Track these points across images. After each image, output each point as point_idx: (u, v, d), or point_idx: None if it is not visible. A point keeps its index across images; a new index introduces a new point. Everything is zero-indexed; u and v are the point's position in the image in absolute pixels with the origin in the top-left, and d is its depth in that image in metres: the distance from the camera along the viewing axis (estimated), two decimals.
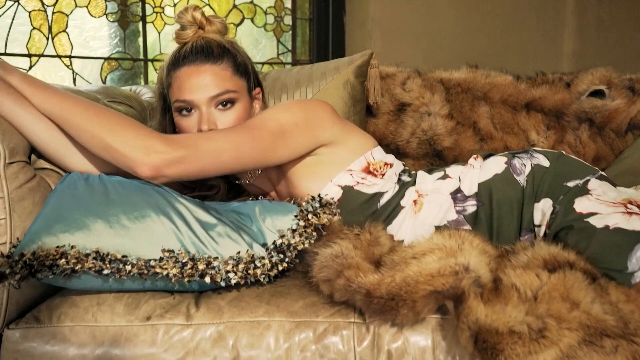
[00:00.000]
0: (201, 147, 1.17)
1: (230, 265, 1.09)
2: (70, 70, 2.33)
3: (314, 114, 1.32)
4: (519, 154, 1.37)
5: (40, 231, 1.02)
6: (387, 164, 1.40)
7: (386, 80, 1.84)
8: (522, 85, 1.81)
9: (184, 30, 1.33)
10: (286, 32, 2.89)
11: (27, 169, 1.09)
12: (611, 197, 1.23)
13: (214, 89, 1.29)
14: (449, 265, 1.05)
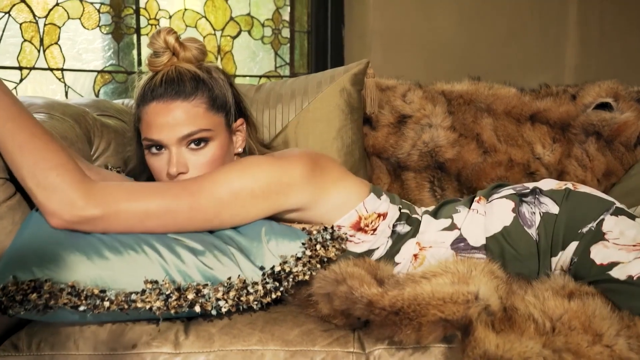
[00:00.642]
0: (123, 209, 1.05)
1: (221, 292, 1.03)
2: (62, 83, 2.30)
3: (281, 179, 1.18)
4: (525, 198, 1.28)
5: (12, 264, 0.96)
6: (380, 216, 1.29)
7: (386, 92, 1.82)
8: (526, 97, 1.79)
9: (156, 58, 1.22)
10: (284, 45, 2.90)
11: (7, 186, 1.05)
12: (630, 237, 1.16)
13: (184, 128, 1.18)
14: (462, 292, 1.00)
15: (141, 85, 1.22)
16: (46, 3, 2.23)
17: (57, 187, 1.00)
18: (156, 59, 1.20)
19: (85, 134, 1.35)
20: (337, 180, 1.25)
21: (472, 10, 3.08)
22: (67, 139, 1.22)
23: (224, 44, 2.74)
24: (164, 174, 1.18)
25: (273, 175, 1.16)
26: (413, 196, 1.70)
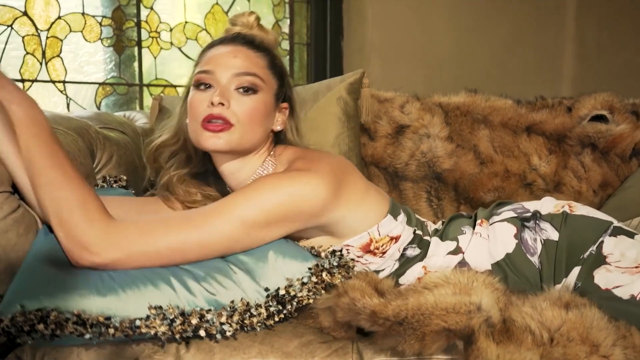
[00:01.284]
0: (136, 252, 1.05)
1: (225, 316, 1.04)
2: (64, 95, 2.34)
3: (299, 207, 1.14)
4: (527, 223, 1.29)
5: (20, 291, 0.98)
6: (392, 239, 1.27)
7: (384, 104, 1.85)
8: (522, 109, 1.82)
9: (233, 27, 1.28)
10: (284, 57, 2.89)
11: (11, 200, 1.07)
12: (631, 259, 1.18)
13: (242, 67, 1.18)
14: (464, 302, 1.02)
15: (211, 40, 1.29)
16: (48, 16, 2.28)
17: (77, 230, 1.01)
18: (232, 28, 1.27)
19: (88, 147, 1.37)
20: (358, 203, 1.23)
21: (469, 24, 3.10)
22: (70, 153, 1.23)
23: None
24: (203, 105, 1.16)
25: (291, 202, 1.13)
26: (410, 206, 1.72)
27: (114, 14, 2.43)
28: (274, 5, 2.81)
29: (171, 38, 2.58)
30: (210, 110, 1.13)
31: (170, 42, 2.58)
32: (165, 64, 2.59)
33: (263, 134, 1.22)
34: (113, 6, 2.43)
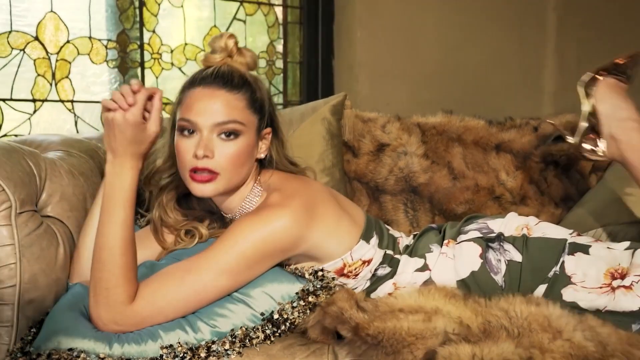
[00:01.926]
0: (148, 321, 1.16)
1: (228, 344, 1.17)
2: (72, 114, 2.40)
3: (275, 246, 1.23)
4: (492, 243, 1.36)
5: (57, 332, 1.10)
6: (364, 262, 1.35)
7: (368, 123, 1.98)
8: (493, 129, 1.96)
9: (213, 54, 1.29)
10: (278, 75, 2.97)
11: (35, 217, 1.20)
12: (593, 278, 1.27)
13: (221, 116, 1.23)
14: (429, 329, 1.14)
15: (192, 75, 1.29)
16: (58, 41, 2.33)
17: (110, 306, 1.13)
18: (212, 55, 1.28)
19: (98, 167, 1.47)
20: (331, 232, 1.30)
21: (453, 43, 3.14)
22: (84, 174, 1.38)
23: None
24: (189, 156, 1.22)
25: (265, 245, 1.21)
26: (389, 216, 1.86)
27: (118, 37, 2.48)
28: (268, 26, 2.87)
29: (172, 59, 2.63)
30: (196, 162, 1.21)
31: (171, 62, 2.63)
32: (166, 82, 2.63)
33: (248, 170, 1.30)
34: (118, 30, 2.48)
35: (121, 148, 1.17)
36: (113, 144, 1.18)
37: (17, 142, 1.42)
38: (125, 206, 1.17)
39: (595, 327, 1.17)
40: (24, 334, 1.16)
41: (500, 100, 3.23)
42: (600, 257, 1.28)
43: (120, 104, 1.17)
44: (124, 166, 1.17)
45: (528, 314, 1.18)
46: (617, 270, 1.25)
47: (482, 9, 3.24)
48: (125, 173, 1.17)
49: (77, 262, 1.27)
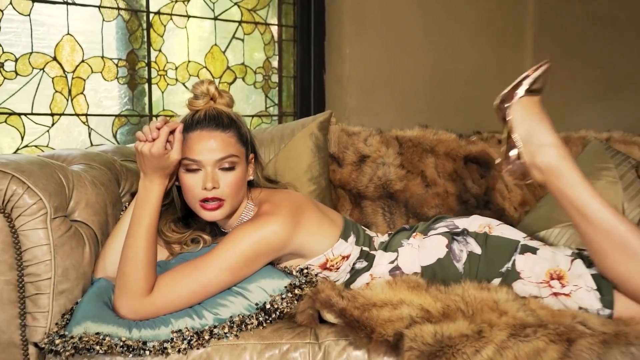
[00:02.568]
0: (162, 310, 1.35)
1: (227, 328, 1.36)
2: (86, 126, 2.50)
3: (268, 245, 1.40)
4: (457, 236, 1.53)
5: (86, 318, 1.31)
6: (343, 257, 1.53)
7: (352, 137, 2.15)
8: (462, 142, 2.14)
9: (196, 100, 1.46)
10: (273, 89, 3.04)
11: (66, 222, 1.39)
12: (537, 274, 1.44)
13: (221, 153, 1.41)
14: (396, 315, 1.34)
15: (184, 118, 1.45)
16: (73, 60, 2.45)
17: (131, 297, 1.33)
18: (196, 100, 1.46)
19: (115, 177, 1.67)
20: (315, 232, 1.48)
21: (436, 58, 3.19)
22: (104, 184, 1.56)
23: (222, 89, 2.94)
24: (197, 189, 1.40)
25: (259, 246, 1.39)
26: (369, 219, 2.04)
27: (128, 56, 2.59)
28: (265, 44, 2.97)
29: (176, 75, 2.73)
30: (206, 194, 1.40)
31: (176, 78, 2.73)
32: (171, 97, 2.72)
33: (244, 192, 1.49)
34: (127, 50, 2.58)
35: (149, 170, 1.38)
36: (143, 167, 1.39)
37: (46, 156, 1.62)
38: (151, 214, 1.38)
39: (535, 309, 1.38)
40: (57, 319, 1.36)
41: (482, 111, 3.11)
42: (545, 258, 1.46)
43: (147, 138, 1.37)
44: (152, 183, 1.39)
45: (480, 298, 1.39)
46: (556, 271, 1.43)
47: (464, 25, 3.31)
48: (152, 189, 1.39)
49: (102, 260, 1.47)
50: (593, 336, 1.29)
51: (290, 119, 3.11)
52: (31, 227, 1.34)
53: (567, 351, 1.26)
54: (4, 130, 2.35)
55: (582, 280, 1.40)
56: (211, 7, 2.83)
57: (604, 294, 1.38)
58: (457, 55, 3.32)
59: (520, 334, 1.27)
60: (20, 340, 1.36)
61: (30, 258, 1.35)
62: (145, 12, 2.64)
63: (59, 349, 1.28)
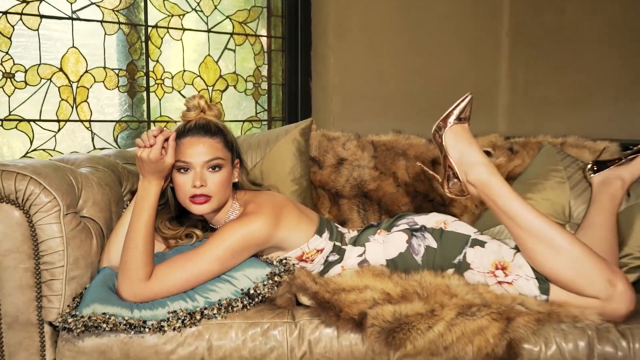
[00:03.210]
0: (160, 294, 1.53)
1: (215, 310, 1.56)
2: (89, 131, 2.66)
3: (252, 239, 1.57)
4: (416, 232, 1.69)
5: (94, 300, 1.51)
6: (318, 251, 1.70)
7: (332, 141, 2.30)
8: (431, 146, 2.27)
9: (189, 112, 1.65)
10: (263, 95, 3.19)
11: (76, 217, 1.57)
12: (484, 265, 1.61)
13: (208, 155, 1.58)
14: (361, 298, 1.53)
15: (177, 127, 1.63)
16: (78, 71, 2.61)
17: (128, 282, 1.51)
18: (188, 112, 1.65)
19: (118, 179, 1.84)
20: (293, 228, 1.65)
21: (415, 66, 3.34)
22: (108, 185, 1.74)
23: (215, 97, 3.05)
24: (188, 187, 1.58)
25: (245, 240, 1.57)
26: (346, 216, 2.22)
27: (128, 67, 2.74)
28: (255, 54, 3.13)
29: (172, 84, 2.88)
30: (195, 191, 1.58)
31: (172, 87, 2.88)
32: (167, 104, 2.86)
33: (229, 192, 1.67)
34: (127, 61, 2.74)
35: (147, 173, 1.57)
36: (142, 170, 1.59)
37: (57, 160, 1.80)
38: (149, 211, 1.57)
39: (482, 292, 1.57)
40: (69, 301, 1.55)
41: None
42: (492, 251, 1.63)
43: (145, 144, 1.56)
44: (150, 184, 1.58)
45: (435, 283, 1.58)
46: (500, 262, 1.61)
47: (441, 36, 3.48)
48: (150, 189, 1.58)
49: (106, 252, 1.67)
50: (529, 315, 1.49)
51: (278, 124, 3.28)
52: (47, 222, 1.54)
53: (507, 327, 1.46)
54: (14, 135, 2.52)
55: (522, 270, 1.59)
56: (205, 21, 3.00)
57: (541, 282, 1.57)
58: (434, 64, 3.47)
59: (467, 313, 1.47)
60: (37, 319, 1.56)
61: (46, 249, 1.54)
62: (143, 26, 2.81)
63: (71, 326, 1.47)
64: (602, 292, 1.51)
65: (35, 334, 1.57)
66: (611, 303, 1.51)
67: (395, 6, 3.29)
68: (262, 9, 3.18)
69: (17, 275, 1.54)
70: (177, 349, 1.52)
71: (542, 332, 1.51)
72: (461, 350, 1.44)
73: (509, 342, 1.45)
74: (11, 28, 2.47)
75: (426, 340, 1.43)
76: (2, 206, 1.53)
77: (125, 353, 1.52)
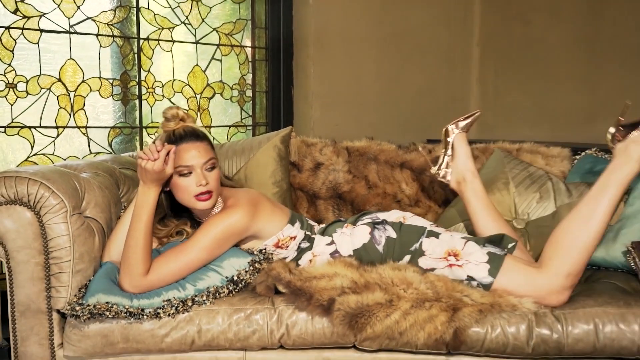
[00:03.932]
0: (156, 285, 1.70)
1: (204, 297, 1.73)
2: (86, 137, 2.78)
3: (233, 230, 1.75)
4: (377, 226, 1.86)
5: (98, 290, 1.69)
6: (292, 238, 1.87)
7: (310, 147, 2.49)
8: (400, 151, 2.47)
9: (169, 122, 1.79)
10: (248, 102, 3.34)
11: (80, 218, 1.75)
12: (438, 253, 1.78)
13: (204, 157, 1.75)
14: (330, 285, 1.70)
15: (165, 137, 1.76)
16: (75, 81, 2.75)
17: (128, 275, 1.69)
18: (168, 123, 1.79)
19: (115, 182, 2.02)
20: (268, 219, 1.83)
21: (391, 75, 3.50)
22: (108, 188, 1.92)
23: (203, 104, 3.19)
24: (193, 187, 1.74)
25: (226, 230, 1.75)
26: (322, 215, 2.41)
27: (121, 76, 2.87)
28: (240, 64, 3.29)
29: (163, 92, 3.02)
30: (200, 189, 1.75)
31: (162, 95, 3.02)
32: (158, 110, 2.97)
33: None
34: (121, 71, 2.87)
35: (148, 181, 1.75)
36: (143, 177, 1.75)
37: (61, 166, 1.97)
38: (149, 213, 1.75)
39: (433, 281, 1.75)
40: (75, 292, 1.74)
41: (431, 122, 3.51)
42: (445, 241, 1.81)
43: (149, 157, 1.73)
44: (150, 190, 1.76)
45: (393, 275, 1.77)
46: (453, 250, 1.81)
47: (415, 46, 3.64)
48: (149, 194, 1.76)
49: (107, 249, 1.85)
50: (473, 306, 1.69)
51: (262, 129, 3.45)
52: (55, 222, 1.73)
53: (453, 317, 1.66)
54: (17, 140, 2.68)
55: (472, 256, 1.78)
56: (193, 33, 3.17)
57: (492, 267, 1.77)
58: (408, 72, 3.64)
59: (420, 304, 1.67)
60: (46, 308, 1.76)
61: (54, 245, 1.73)
62: (136, 39, 2.97)
63: (78, 313, 1.67)
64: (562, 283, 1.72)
65: (44, 321, 1.76)
66: (559, 296, 1.71)
67: (371, 19, 3.44)
68: (247, 22, 3.33)
69: (29, 268, 1.73)
70: (170, 333, 1.72)
71: (485, 320, 1.69)
72: (414, 335, 1.63)
73: (455, 330, 1.64)
74: (13, 42, 2.62)
75: (384, 326, 1.63)
76: (16, 208, 1.72)
77: (125, 337, 1.72)
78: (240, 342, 1.74)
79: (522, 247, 1.98)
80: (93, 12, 2.84)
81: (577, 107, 3.42)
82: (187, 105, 3.15)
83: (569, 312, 1.72)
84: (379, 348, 1.70)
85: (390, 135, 3.32)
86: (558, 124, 3.53)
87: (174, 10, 3.08)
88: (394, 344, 1.67)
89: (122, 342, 1.72)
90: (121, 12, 2.91)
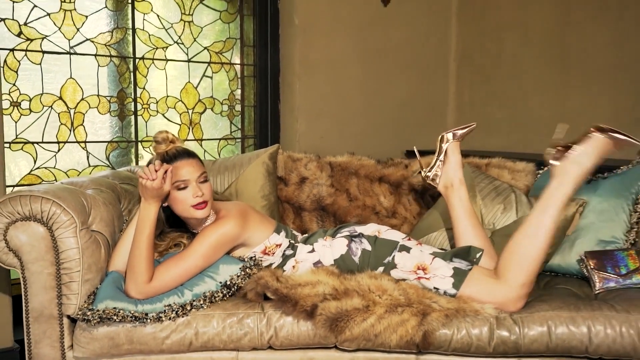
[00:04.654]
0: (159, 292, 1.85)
1: (201, 301, 1.91)
2: (85, 151, 2.90)
3: (225, 239, 1.92)
4: (355, 239, 2.03)
5: (106, 297, 1.86)
6: (277, 245, 2.04)
7: (296, 162, 2.67)
8: (379, 166, 2.66)
9: (160, 144, 1.96)
10: (237, 116, 3.45)
11: (88, 232, 1.92)
12: (408, 266, 1.95)
13: (198, 172, 1.93)
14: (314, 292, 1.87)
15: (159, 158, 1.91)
16: (75, 98, 2.87)
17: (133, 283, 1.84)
18: (159, 145, 1.95)
19: (117, 197, 2.20)
20: (257, 228, 2.01)
21: (373, 89, 3.62)
22: (111, 203, 2.09)
23: (194, 118, 3.31)
24: (190, 199, 1.90)
25: (220, 239, 1.92)
26: (307, 226, 2.58)
27: (118, 94, 2.98)
28: (229, 80, 3.41)
29: (157, 108, 3.14)
30: (197, 200, 1.93)
31: (157, 110, 3.14)
32: (153, 125, 3.11)
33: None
34: (118, 89, 2.99)
35: (149, 197, 1.92)
36: (144, 194, 1.93)
37: (67, 183, 2.14)
38: (150, 226, 1.93)
39: (405, 288, 1.95)
40: (85, 299, 1.92)
41: (411, 133, 3.80)
42: (415, 256, 2.00)
43: (148, 177, 1.91)
44: (150, 205, 1.93)
45: (370, 283, 1.96)
46: (421, 264, 2.00)
47: (395, 61, 3.77)
48: (150, 209, 1.94)
49: (113, 260, 2.03)
50: (441, 311, 1.88)
51: (251, 141, 3.59)
52: (66, 236, 1.91)
53: (422, 321, 1.85)
54: (20, 155, 2.83)
55: (439, 270, 1.98)
56: (185, 52, 3.30)
57: (456, 281, 1.96)
58: (389, 86, 3.76)
59: (393, 310, 1.86)
60: (58, 314, 1.93)
61: (65, 257, 1.91)
62: (132, 58, 3.10)
63: (89, 318, 1.84)
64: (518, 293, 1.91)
65: (56, 325, 1.94)
66: (516, 303, 1.90)
67: (354, 37, 3.56)
68: (236, 40, 3.45)
69: (42, 278, 1.90)
70: (170, 335, 1.90)
71: (451, 324, 1.88)
72: (387, 337, 1.83)
73: (424, 332, 1.83)
74: (17, 63, 2.76)
75: (361, 329, 1.82)
76: (30, 224, 1.90)
77: (129, 339, 1.90)
78: (233, 343, 1.92)
79: (491, 253, 2.17)
80: (92, 33, 2.95)
81: (547, 118, 3.55)
82: (179, 120, 3.27)
83: (526, 316, 1.91)
84: (357, 348, 1.89)
85: (372, 145, 3.55)
86: (529, 134, 3.64)
87: (167, 31, 3.20)
88: (370, 344, 1.85)
89: (126, 344, 1.90)
90: (118, 33, 3.03)
